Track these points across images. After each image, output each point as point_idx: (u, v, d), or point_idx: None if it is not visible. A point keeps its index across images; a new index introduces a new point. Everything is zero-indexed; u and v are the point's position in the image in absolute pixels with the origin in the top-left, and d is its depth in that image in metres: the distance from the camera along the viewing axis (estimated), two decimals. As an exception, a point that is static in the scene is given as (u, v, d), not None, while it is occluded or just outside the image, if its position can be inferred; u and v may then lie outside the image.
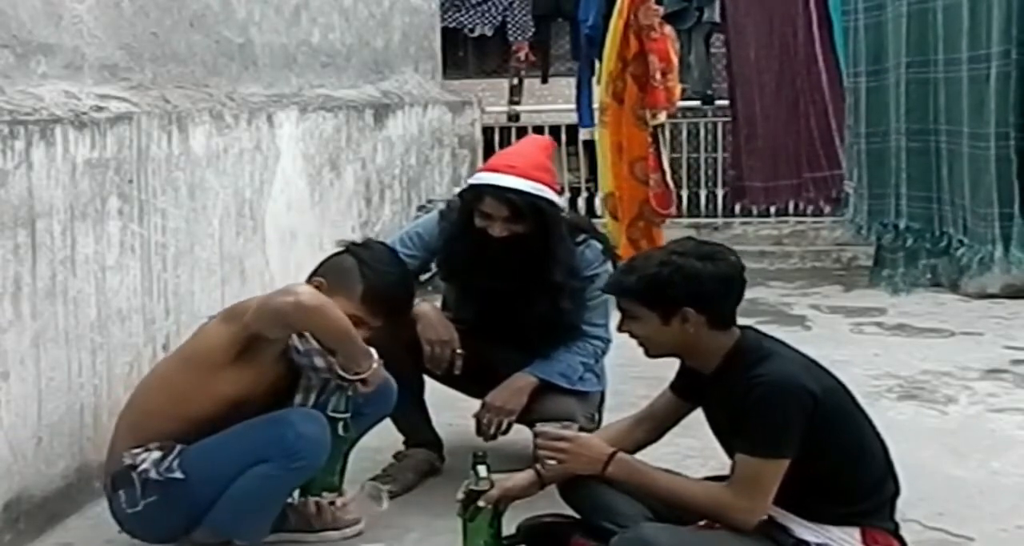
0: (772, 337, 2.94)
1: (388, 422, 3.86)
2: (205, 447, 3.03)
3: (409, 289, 3.29)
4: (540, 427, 2.96)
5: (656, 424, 3.11)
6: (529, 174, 3.58)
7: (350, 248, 3.23)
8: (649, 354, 2.94)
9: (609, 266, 3.79)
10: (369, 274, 3.15)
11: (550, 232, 3.62)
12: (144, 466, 3.04)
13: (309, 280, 3.19)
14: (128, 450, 3.10)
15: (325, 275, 3.16)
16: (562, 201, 3.79)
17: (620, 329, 2.94)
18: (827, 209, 8.14)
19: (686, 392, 3.04)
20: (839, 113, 7.17)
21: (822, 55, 7.05)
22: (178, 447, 3.05)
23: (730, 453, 2.86)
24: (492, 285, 3.64)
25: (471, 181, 3.74)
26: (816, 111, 7.17)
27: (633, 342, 2.90)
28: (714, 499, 2.78)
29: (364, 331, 3.14)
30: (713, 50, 8.84)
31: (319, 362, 3.16)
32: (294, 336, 3.12)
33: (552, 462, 2.94)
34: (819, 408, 2.71)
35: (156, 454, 3.05)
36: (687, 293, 2.79)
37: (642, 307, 2.84)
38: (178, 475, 3.01)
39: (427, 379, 3.82)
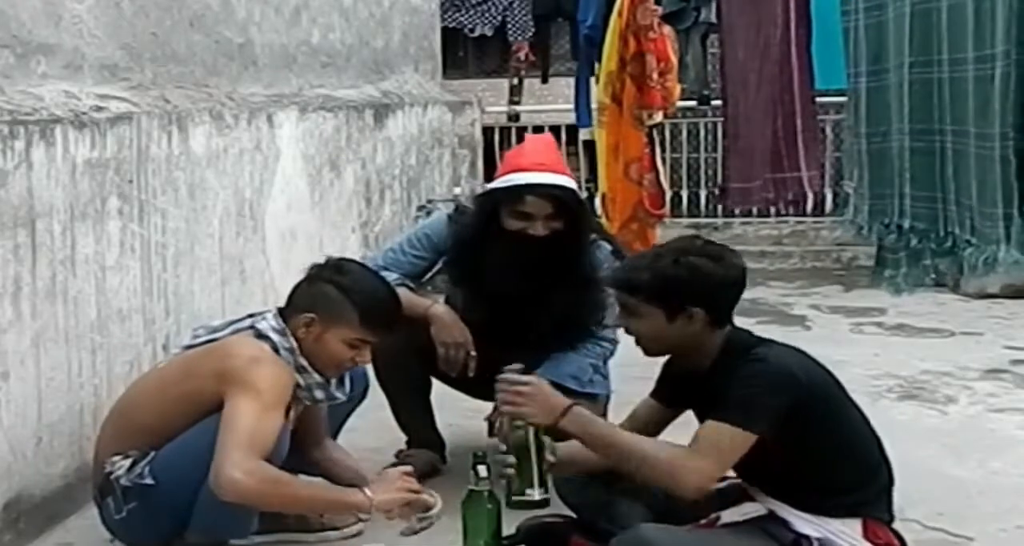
0: (753, 333, 2.95)
1: (390, 421, 3.87)
2: (171, 450, 3.02)
3: (398, 299, 3.25)
4: (503, 375, 2.91)
5: (639, 431, 3.04)
6: (559, 170, 3.63)
7: (326, 276, 3.16)
8: (648, 352, 2.94)
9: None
10: (359, 300, 3.10)
11: (583, 228, 3.64)
12: (118, 473, 3.05)
13: (294, 315, 3.11)
14: (109, 458, 3.10)
15: (313, 310, 3.10)
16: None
17: (621, 324, 2.94)
18: (786, 210, 8.21)
19: (669, 397, 3.04)
20: (807, 115, 7.21)
21: (796, 56, 7.07)
22: (152, 453, 3.05)
23: None
24: (514, 289, 3.62)
25: (499, 185, 3.68)
26: (784, 112, 7.20)
27: (633, 343, 2.90)
28: (670, 457, 2.73)
29: (366, 350, 3.14)
30: (713, 50, 8.85)
31: (319, 394, 3.17)
32: (295, 374, 3.09)
33: (508, 407, 2.86)
34: (808, 397, 2.70)
35: (128, 461, 3.05)
36: (699, 294, 2.80)
37: (649, 305, 2.83)
38: (148, 481, 3.00)
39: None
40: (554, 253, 3.60)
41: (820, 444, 2.73)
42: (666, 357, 3.02)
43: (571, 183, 3.65)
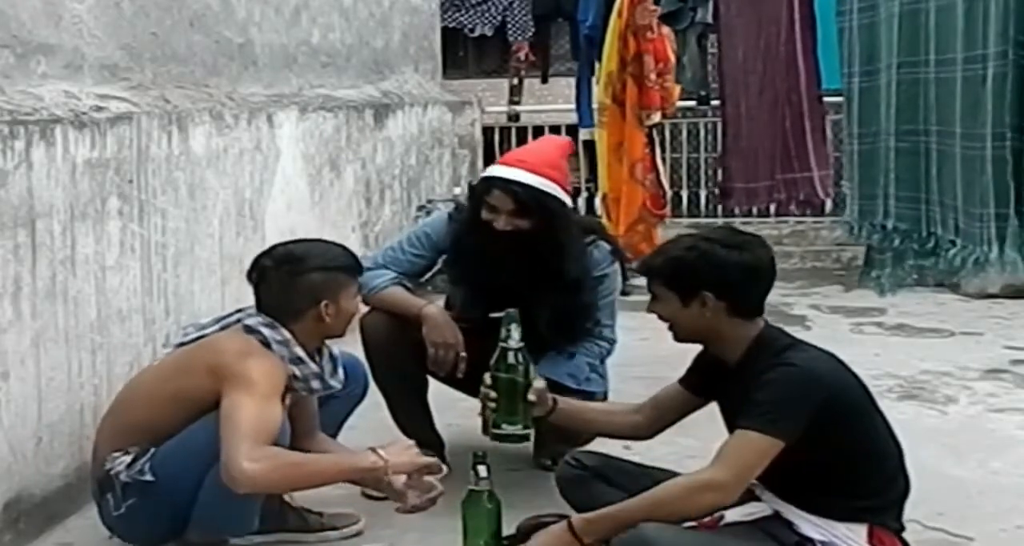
0: (790, 334, 2.95)
1: (390, 421, 3.87)
2: (171, 446, 3.03)
3: (335, 243, 3.39)
4: None
5: (658, 413, 3.12)
6: (538, 170, 3.61)
7: (297, 270, 3.16)
8: (676, 338, 2.96)
9: (617, 267, 3.79)
10: (340, 264, 3.21)
11: (558, 230, 3.62)
12: (118, 469, 3.06)
13: (301, 315, 3.13)
14: (109, 454, 3.11)
15: (321, 297, 3.13)
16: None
17: (649, 309, 2.97)
18: (799, 211, 8.19)
19: (696, 387, 3.05)
20: (815, 115, 7.21)
21: (802, 57, 7.08)
22: (152, 450, 3.05)
23: None
24: (500, 282, 3.63)
25: (483, 174, 3.78)
26: (792, 113, 7.20)
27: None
28: (691, 480, 2.75)
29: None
30: (712, 50, 8.85)
31: (316, 384, 3.19)
32: (290, 366, 3.11)
33: None
34: (834, 401, 2.71)
35: (129, 458, 3.06)
36: (708, 279, 2.83)
37: (664, 288, 2.89)
38: (148, 478, 3.01)
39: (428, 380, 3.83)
40: (522, 251, 3.60)
41: (839, 449, 2.73)
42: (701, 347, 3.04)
43: (545, 185, 3.60)
